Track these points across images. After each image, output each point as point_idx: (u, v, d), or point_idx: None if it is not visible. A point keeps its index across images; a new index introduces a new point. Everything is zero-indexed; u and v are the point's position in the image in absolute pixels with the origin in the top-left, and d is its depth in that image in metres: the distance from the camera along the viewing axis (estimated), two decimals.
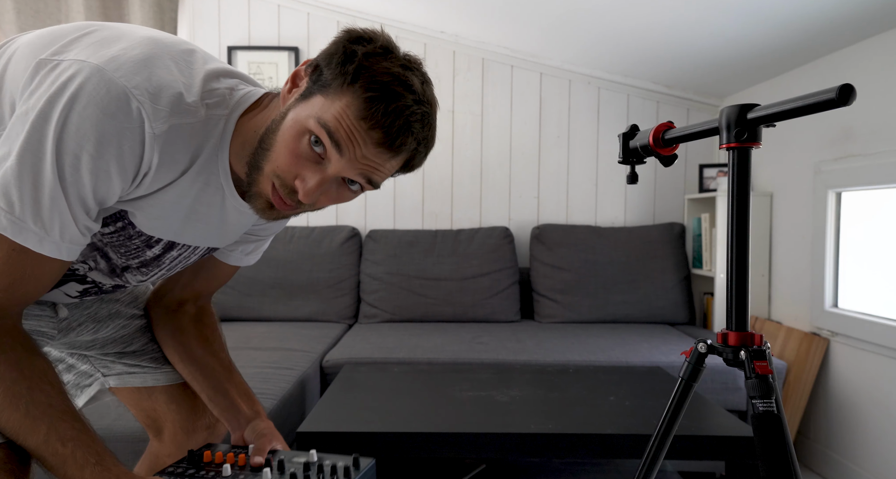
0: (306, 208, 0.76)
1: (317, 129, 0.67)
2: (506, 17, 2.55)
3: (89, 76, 0.62)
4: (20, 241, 0.64)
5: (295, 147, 0.69)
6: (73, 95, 0.62)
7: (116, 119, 0.64)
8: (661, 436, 0.91)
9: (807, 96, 0.70)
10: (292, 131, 0.69)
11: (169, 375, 1.04)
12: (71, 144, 0.63)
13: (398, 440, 1.31)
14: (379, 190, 2.93)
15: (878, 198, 2.02)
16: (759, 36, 2.15)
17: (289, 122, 0.70)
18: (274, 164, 0.70)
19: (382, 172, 0.72)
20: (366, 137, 0.67)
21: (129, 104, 0.64)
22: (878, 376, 1.92)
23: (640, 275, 2.69)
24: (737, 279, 0.81)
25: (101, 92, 0.62)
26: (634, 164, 1.02)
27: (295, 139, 0.69)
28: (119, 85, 0.63)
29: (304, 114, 0.69)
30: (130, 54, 0.66)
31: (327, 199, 0.75)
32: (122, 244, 0.80)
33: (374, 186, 0.74)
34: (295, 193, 0.71)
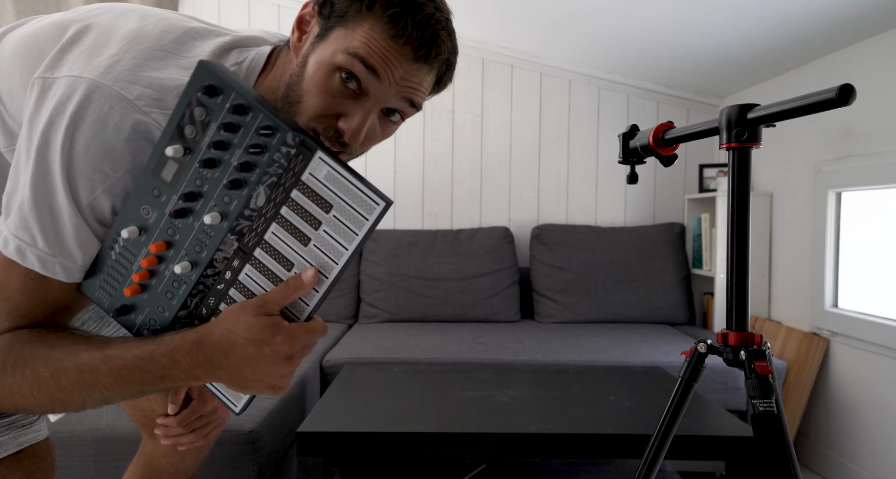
0: (353, 152, 0.71)
1: (347, 61, 0.63)
2: (506, 17, 2.55)
3: (88, 93, 0.60)
4: (48, 274, 0.62)
5: (328, 88, 0.65)
6: (74, 114, 0.59)
7: (124, 133, 0.61)
8: (661, 436, 0.91)
9: (807, 96, 0.70)
10: (320, 73, 0.64)
11: None
12: (81, 166, 0.60)
13: (398, 440, 1.31)
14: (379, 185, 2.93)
15: (878, 198, 2.02)
16: (759, 36, 2.15)
17: (312, 66, 0.65)
18: (310, 112, 0.66)
19: (422, 90, 0.69)
20: (399, 55, 0.64)
21: (135, 115, 0.61)
22: (878, 376, 1.92)
23: (640, 275, 2.69)
24: (737, 279, 0.81)
25: (104, 108, 0.60)
26: (634, 164, 1.02)
27: (326, 80, 0.64)
28: (121, 97, 0.60)
29: (327, 52, 0.64)
30: (124, 61, 0.62)
31: (373, 138, 0.70)
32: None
33: (417, 108, 0.70)
34: (341, 136, 0.66)
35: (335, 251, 0.63)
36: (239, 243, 0.64)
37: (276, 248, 0.64)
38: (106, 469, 1.38)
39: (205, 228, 0.64)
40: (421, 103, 0.70)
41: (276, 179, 0.62)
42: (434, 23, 0.65)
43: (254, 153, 0.61)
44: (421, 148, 2.97)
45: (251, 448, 1.39)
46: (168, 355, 0.62)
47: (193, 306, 0.67)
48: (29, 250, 0.61)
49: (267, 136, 0.61)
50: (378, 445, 1.31)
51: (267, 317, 0.62)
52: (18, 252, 0.61)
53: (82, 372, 0.62)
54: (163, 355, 0.62)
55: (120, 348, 0.63)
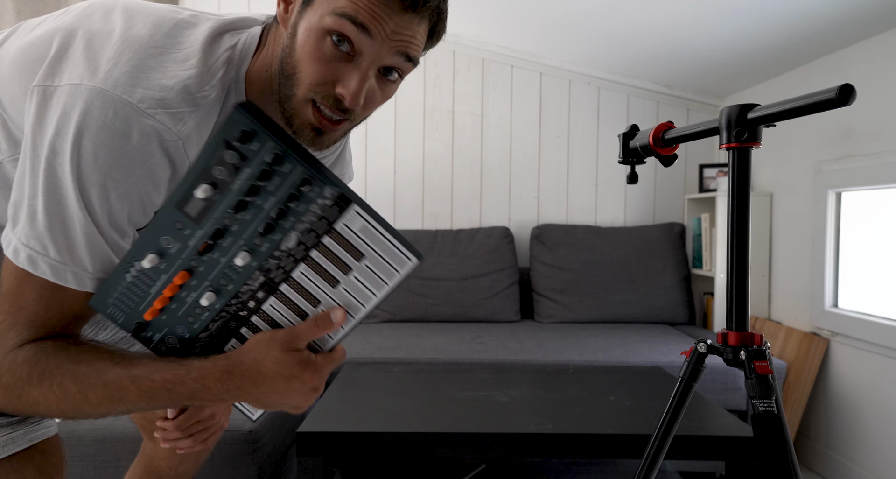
0: (355, 118, 0.70)
1: (336, 22, 0.63)
2: (506, 17, 2.55)
3: (91, 101, 0.59)
4: (60, 282, 0.62)
5: (321, 54, 0.64)
6: (80, 123, 0.59)
7: (132, 139, 0.61)
8: (661, 436, 0.91)
9: (807, 96, 0.70)
10: (311, 40, 0.64)
11: None
12: (93, 175, 0.60)
13: (398, 440, 1.31)
14: (379, 188, 2.94)
15: (878, 198, 2.02)
16: (759, 36, 2.15)
17: (302, 34, 0.65)
18: (306, 81, 0.65)
19: (416, 43, 0.67)
20: (387, 8, 0.63)
21: (141, 119, 0.61)
22: (878, 376, 1.92)
23: (640, 275, 2.68)
24: (737, 279, 0.81)
25: (109, 115, 0.60)
26: (634, 164, 1.02)
27: (317, 46, 0.64)
28: (124, 102, 0.60)
29: (315, 18, 0.64)
30: (121, 64, 0.62)
31: (373, 100, 0.69)
32: None
33: (414, 63, 0.69)
34: (341, 102, 0.66)
35: (363, 295, 0.65)
36: (265, 277, 0.66)
37: (304, 285, 0.66)
38: (106, 469, 1.38)
39: (233, 265, 0.65)
40: (417, 57, 0.69)
41: (308, 226, 0.63)
42: None
43: (288, 201, 0.63)
44: (421, 148, 2.97)
45: (251, 448, 1.39)
46: (198, 381, 0.64)
47: (215, 329, 0.69)
48: (41, 259, 0.61)
49: (303, 186, 0.62)
50: (378, 445, 1.31)
51: (296, 353, 0.65)
52: (30, 261, 0.61)
53: (110, 390, 0.63)
54: (193, 381, 0.64)
55: (147, 369, 0.65)
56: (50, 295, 0.63)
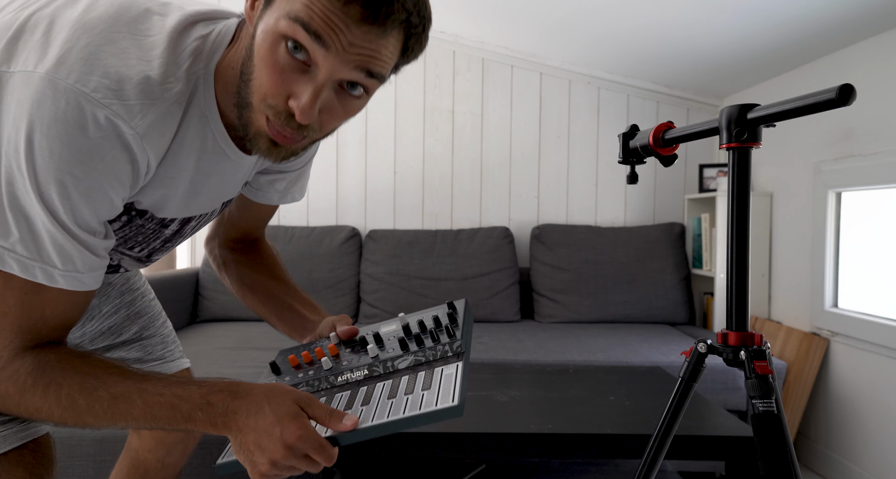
0: (314, 134, 0.65)
1: (290, 27, 0.57)
2: (506, 17, 2.55)
3: (42, 90, 0.55)
4: (30, 278, 0.60)
5: (274, 61, 0.59)
6: (31, 116, 0.55)
7: (87, 131, 0.56)
8: (661, 436, 0.91)
9: (807, 96, 0.70)
10: (266, 44, 0.59)
11: (155, 369, 1.01)
12: (49, 172, 0.56)
13: (398, 440, 1.31)
14: (379, 188, 2.94)
15: (878, 198, 2.02)
16: (759, 36, 2.15)
17: (259, 36, 0.60)
18: (260, 92, 0.61)
19: (380, 58, 0.61)
20: (345, 16, 0.57)
21: (95, 111, 0.56)
22: (878, 376, 1.92)
23: (640, 275, 2.68)
24: (737, 279, 0.81)
25: (61, 105, 0.55)
26: (634, 164, 1.02)
27: (271, 52, 0.59)
28: (77, 92, 0.55)
29: (272, 20, 0.59)
30: (76, 49, 0.57)
31: (332, 115, 0.64)
32: (137, 233, 0.75)
33: (379, 79, 0.63)
34: (292, 117, 0.62)
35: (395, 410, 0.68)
36: (364, 377, 0.77)
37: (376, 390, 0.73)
38: (106, 469, 1.38)
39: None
40: (382, 73, 0.63)
41: (424, 360, 0.75)
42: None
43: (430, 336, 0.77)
44: (421, 148, 2.97)
45: None
46: (204, 396, 0.64)
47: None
48: (7, 255, 0.59)
49: (443, 333, 0.78)
50: (378, 445, 1.31)
51: (299, 408, 0.64)
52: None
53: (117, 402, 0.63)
54: (200, 395, 0.64)
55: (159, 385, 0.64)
56: (30, 300, 0.62)
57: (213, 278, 2.67)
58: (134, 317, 1.01)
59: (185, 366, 1.07)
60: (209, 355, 1.98)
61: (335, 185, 2.97)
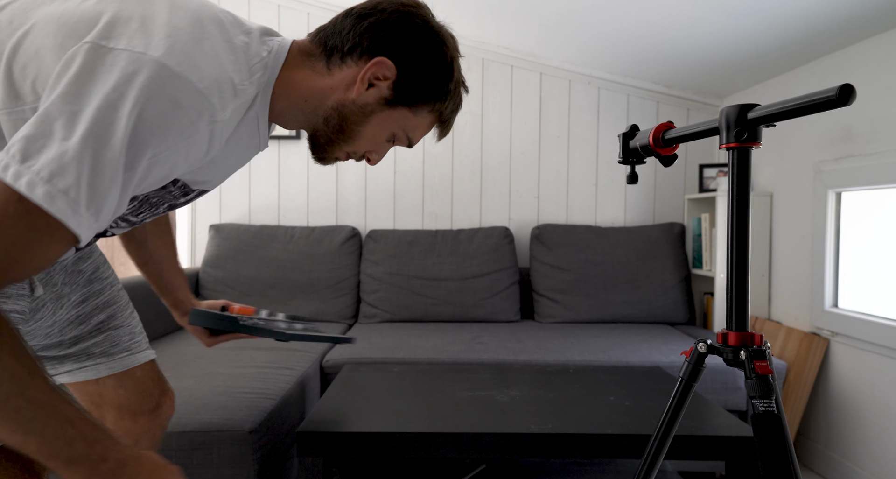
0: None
1: (402, 140, 0.86)
2: (506, 17, 2.55)
3: (158, 70, 0.63)
4: (73, 225, 0.61)
5: (378, 141, 0.85)
6: (144, 88, 0.62)
7: (187, 114, 0.65)
8: (661, 436, 0.91)
9: (807, 96, 0.70)
10: (380, 133, 0.84)
11: (123, 361, 1.04)
12: (146, 136, 0.63)
13: (398, 440, 1.31)
14: (379, 188, 2.95)
15: (878, 198, 2.02)
16: (759, 36, 2.15)
17: (375, 124, 0.83)
18: (354, 147, 0.85)
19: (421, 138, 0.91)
20: (426, 134, 0.89)
21: (198, 98, 0.66)
22: (878, 376, 1.92)
23: (640, 275, 2.69)
24: (737, 279, 0.81)
25: (171, 88, 0.64)
26: (634, 164, 1.02)
27: (380, 137, 0.85)
28: (185, 79, 0.65)
29: (390, 121, 0.83)
30: (181, 44, 0.66)
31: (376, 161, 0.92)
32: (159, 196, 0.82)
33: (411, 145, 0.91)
34: (363, 159, 0.88)
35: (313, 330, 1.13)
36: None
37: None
38: None
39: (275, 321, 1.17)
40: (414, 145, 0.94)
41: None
42: (460, 106, 0.89)
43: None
44: (421, 148, 2.97)
45: (251, 448, 1.39)
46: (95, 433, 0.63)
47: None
48: (60, 198, 0.60)
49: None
50: (378, 445, 1.31)
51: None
52: (48, 197, 0.59)
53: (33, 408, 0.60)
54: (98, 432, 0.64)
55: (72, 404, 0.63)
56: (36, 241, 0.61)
57: (214, 278, 2.67)
58: (102, 306, 1.03)
59: (151, 357, 1.09)
60: (209, 355, 1.98)
61: (335, 185, 2.97)
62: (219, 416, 1.43)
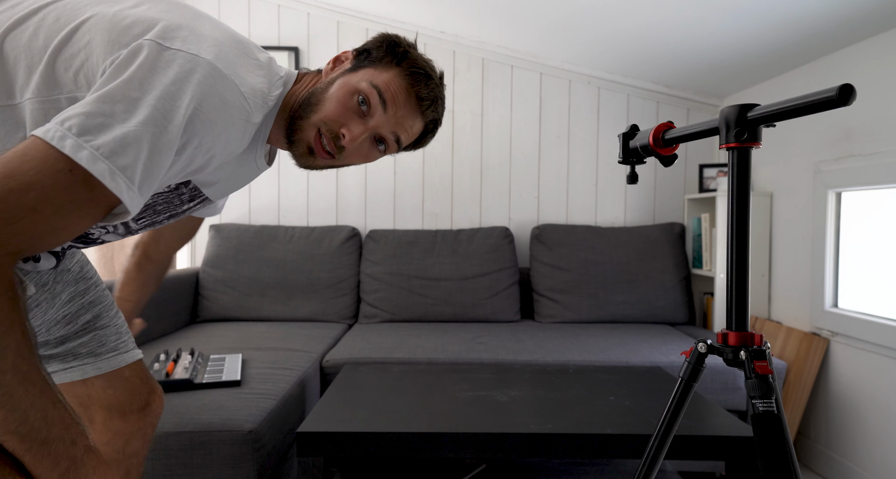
0: (338, 161, 0.88)
1: (368, 89, 0.84)
2: (506, 17, 2.55)
3: (211, 71, 0.71)
4: (127, 202, 0.65)
5: (345, 102, 0.84)
6: (200, 84, 0.69)
7: (232, 112, 0.73)
8: (661, 436, 0.91)
9: (807, 96, 0.70)
10: (343, 90, 0.84)
11: (111, 360, 1.04)
12: (197, 127, 0.70)
13: (398, 440, 1.31)
14: (379, 188, 2.94)
15: (878, 198, 2.02)
16: (759, 36, 2.15)
17: (337, 85, 0.85)
18: (322, 114, 0.84)
19: (408, 133, 0.89)
20: (406, 99, 0.86)
21: (240, 100, 0.74)
22: (878, 376, 1.92)
23: (640, 275, 2.69)
24: (737, 279, 0.81)
25: (220, 87, 0.72)
26: (634, 164, 1.02)
27: (346, 96, 0.84)
28: (233, 82, 0.73)
29: (354, 79, 0.85)
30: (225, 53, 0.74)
31: (358, 154, 0.88)
32: (168, 201, 0.87)
33: (398, 146, 0.90)
34: (339, 139, 0.85)
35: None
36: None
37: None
38: None
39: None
40: (404, 143, 0.91)
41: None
42: (437, 91, 0.89)
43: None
44: (421, 148, 2.97)
45: (251, 448, 1.39)
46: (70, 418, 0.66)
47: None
48: (119, 175, 0.64)
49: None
50: (378, 445, 1.31)
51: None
52: (108, 172, 0.63)
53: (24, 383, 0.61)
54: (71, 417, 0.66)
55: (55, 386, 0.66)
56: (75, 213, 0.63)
57: (213, 278, 2.67)
58: (88, 306, 1.03)
59: (138, 357, 1.09)
60: None
61: (335, 185, 2.97)
62: (219, 416, 1.43)
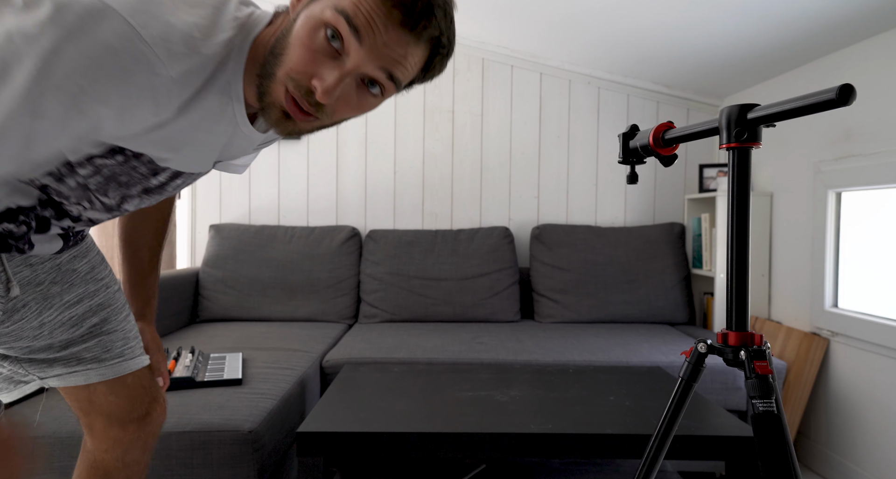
0: (325, 119, 0.70)
1: (333, 17, 0.64)
2: (506, 18, 2.55)
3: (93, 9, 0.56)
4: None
5: (310, 43, 0.65)
6: (74, 26, 0.55)
7: (121, 60, 0.57)
8: (661, 436, 0.91)
9: (807, 96, 0.70)
10: (306, 27, 0.65)
11: (115, 367, 0.99)
12: (62, 79, 0.56)
13: (398, 440, 1.31)
14: (379, 188, 2.94)
15: (878, 198, 2.02)
16: (759, 36, 2.15)
17: (301, 20, 0.66)
18: (287, 66, 0.66)
19: (405, 65, 0.67)
20: (386, 19, 0.64)
21: (138, 46, 0.58)
22: (878, 376, 1.92)
23: (640, 275, 2.69)
24: (737, 279, 0.81)
25: (107, 29, 0.56)
26: (634, 164, 1.02)
27: (309, 35, 0.65)
28: (126, 23, 0.57)
29: (317, 9, 0.65)
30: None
31: (346, 105, 0.69)
32: (123, 173, 0.75)
33: (397, 84, 0.69)
34: (312, 94, 0.66)
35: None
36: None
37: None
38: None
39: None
40: (402, 79, 0.68)
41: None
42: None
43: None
44: (421, 148, 2.97)
45: (251, 448, 1.39)
46: None
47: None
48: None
49: None
50: (378, 445, 1.31)
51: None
52: None
53: None
54: None
55: None
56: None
57: (214, 277, 2.67)
58: (96, 308, 0.99)
59: (143, 364, 1.05)
60: None
61: (335, 185, 2.97)
62: (218, 416, 1.43)
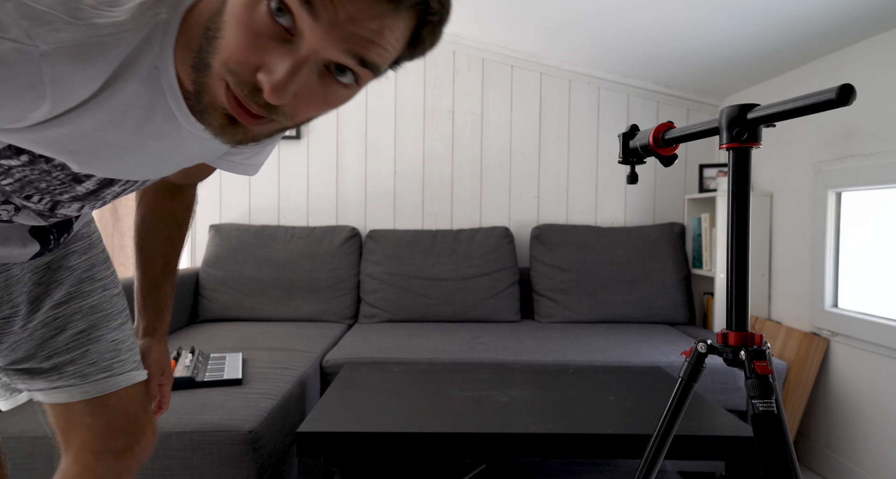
0: (284, 120, 0.53)
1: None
2: (506, 17, 2.55)
3: None
4: None
5: (249, 20, 0.47)
6: None
7: None
8: (661, 436, 0.91)
9: (807, 96, 0.70)
10: (242, 2, 0.48)
11: (98, 384, 0.88)
12: None
13: (398, 440, 1.31)
14: (379, 188, 2.94)
15: (878, 198, 2.02)
16: (759, 36, 2.15)
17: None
18: (224, 53, 0.48)
19: (380, 43, 0.48)
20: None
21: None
22: (878, 376, 1.92)
23: (640, 275, 2.69)
24: (737, 279, 0.81)
25: None
26: (634, 164, 1.02)
27: (248, 9, 0.47)
28: None
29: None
30: None
31: (309, 101, 0.52)
32: (40, 180, 0.63)
33: (372, 71, 0.50)
34: (259, 92, 0.49)
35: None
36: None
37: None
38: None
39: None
40: (378, 64, 0.50)
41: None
42: None
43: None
44: (421, 148, 2.97)
45: (251, 448, 1.39)
46: None
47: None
48: None
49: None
50: (378, 445, 1.31)
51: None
52: None
53: None
54: None
55: None
56: None
57: (214, 278, 2.67)
58: (87, 311, 0.89)
59: (135, 381, 0.92)
60: None
61: (335, 185, 2.97)
62: (218, 416, 1.43)
